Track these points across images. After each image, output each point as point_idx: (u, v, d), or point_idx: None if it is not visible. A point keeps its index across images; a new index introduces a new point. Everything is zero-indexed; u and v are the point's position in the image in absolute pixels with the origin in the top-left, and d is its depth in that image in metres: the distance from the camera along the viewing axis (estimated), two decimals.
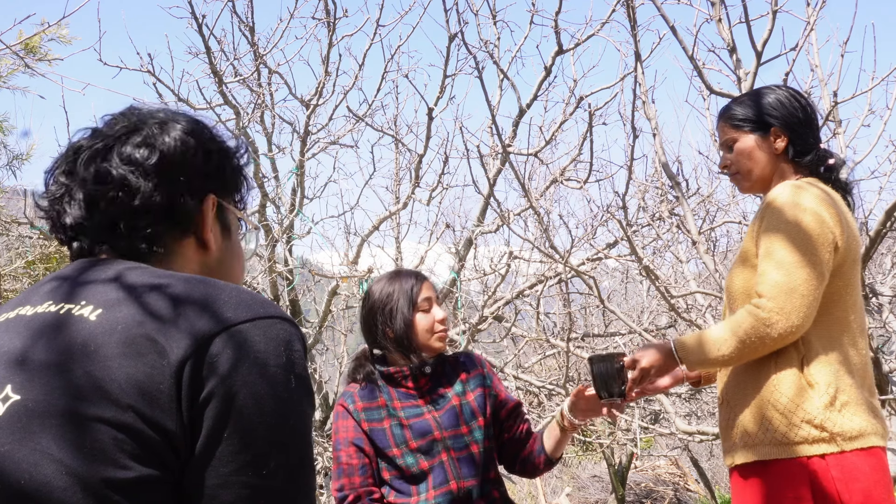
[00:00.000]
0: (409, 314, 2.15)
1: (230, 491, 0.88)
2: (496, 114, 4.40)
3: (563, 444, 2.23)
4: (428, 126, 4.79)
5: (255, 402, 0.89)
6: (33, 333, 0.93)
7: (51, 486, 0.85)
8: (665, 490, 10.29)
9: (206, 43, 4.31)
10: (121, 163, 1.02)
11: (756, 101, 2.10)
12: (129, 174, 1.01)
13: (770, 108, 2.07)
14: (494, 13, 4.50)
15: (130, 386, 0.87)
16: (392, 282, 2.21)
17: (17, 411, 0.88)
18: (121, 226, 1.02)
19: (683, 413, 6.69)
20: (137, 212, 1.02)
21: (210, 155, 1.08)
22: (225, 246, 1.12)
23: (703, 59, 3.25)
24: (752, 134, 2.08)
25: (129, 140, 1.04)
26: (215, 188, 1.09)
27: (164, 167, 1.03)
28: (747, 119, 2.09)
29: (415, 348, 2.16)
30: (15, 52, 3.30)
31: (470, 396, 2.20)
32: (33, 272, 5.14)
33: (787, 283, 1.85)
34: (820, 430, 1.84)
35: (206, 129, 1.10)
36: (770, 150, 2.06)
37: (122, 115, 1.08)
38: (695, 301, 4.53)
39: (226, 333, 0.90)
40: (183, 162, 1.05)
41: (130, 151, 1.03)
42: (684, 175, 4.27)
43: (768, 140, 2.06)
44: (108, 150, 1.03)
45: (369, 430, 2.13)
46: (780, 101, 2.08)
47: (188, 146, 1.06)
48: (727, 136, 2.13)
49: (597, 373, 2.03)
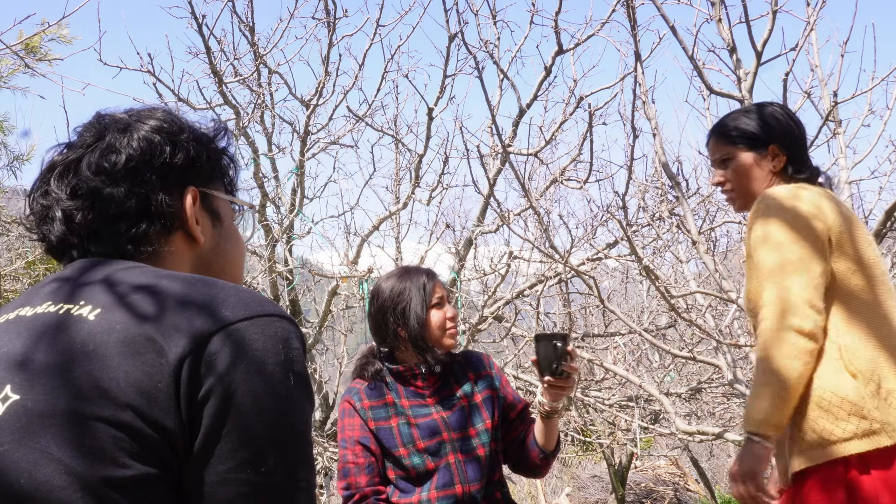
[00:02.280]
0: (422, 312, 2.13)
1: (229, 488, 0.88)
2: (496, 114, 4.40)
3: (551, 434, 2.16)
4: (428, 126, 4.79)
5: (254, 400, 0.89)
6: (33, 334, 0.94)
7: (50, 486, 0.85)
8: (665, 490, 10.29)
9: (206, 43, 4.31)
10: (90, 174, 1.03)
11: (751, 118, 2.05)
12: (98, 184, 1.02)
13: (767, 125, 2.03)
14: (494, 13, 4.50)
15: (129, 385, 0.87)
16: (403, 279, 2.18)
17: (17, 411, 0.88)
18: (102, 234, 1.03)
19: (683, 413, 6.68)
20: (115, 218, 1.02)
21: (179, 147, 1.08)
22: (217, 233, 1.12)
23: (703, 59, 3.26)
24: (749, 151, 2.03)
25: (96, 149, 1.04)
26: (194, 179, 1.09)
27: (131, 170, 1.03)
28: (745, 135, 2.04)
29: (429, 346, 2.13)
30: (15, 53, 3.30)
31: (478, 398, 2.17)
32: (33, 273, 5.14)
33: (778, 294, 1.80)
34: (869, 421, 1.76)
35: (174, 121, 1.10)
36: (768, 168, 2.02)
37: (89, 125, 1.08)
38: (695, 301, 4.53)
39: (224, 332, 0.90)
40: (150, 161, 1.05)
41: (97, 160, 1.03)
42: (684, 175, 4.28)
43: (766, 157, 2.02)
44: (77, 163, 1.04)
45: (376, 429, 2.10)
46: (775, 117, 2.04)
47: (153, 143, 1.06)
48: (722, 152, 2.07)
49: (538, 352, 2.05)
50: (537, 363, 2.06)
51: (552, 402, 2.11)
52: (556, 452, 2.21)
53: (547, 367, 2.04)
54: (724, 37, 3.03)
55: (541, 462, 2.19)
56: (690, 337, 5.76)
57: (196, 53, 4.48)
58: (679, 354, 4.40)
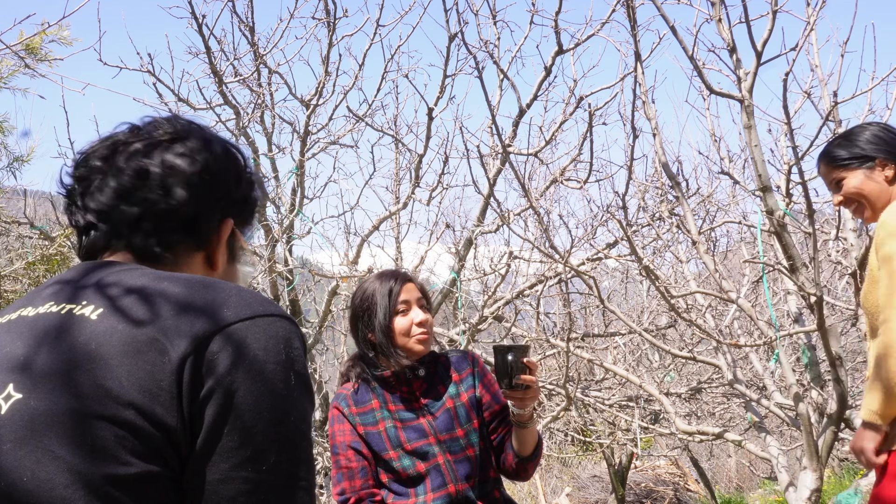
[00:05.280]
0: (385, 319, 2.12)
1: (230, 486, 0.89)
2: (496, 114, 4.40)
3: (524, 440, 2.13)
4: (428, 126, 4.79)
5: (255, 399, 0.90)
6: (35, 333, 0.94)
7: (53, 483, 0.86)
8: (665, 490, 10.29)
9: (206, 43, 4.31)
10: (162, 165, 1.05)
11: (854, 140, 2.27)
12: (167, 178, 1.04)
13: (869, 143, 2.25)
14: (494, 13, 4.49)
15: (132, 383, 0.88)
16: (373, 284, 2.18)
17: (20, 410, 0.89)
18: (143, 223, 1.04)
19: (683, 413, 6.68)
20: (163, 215, 1.04)
21: (240, 182, 1.13)
22: (228, 268, 1.14)
23: (703, 59, 3.25)
24: (859, 169, 2.24)
25: (173, 147, 1.07)
26: (236, 214, 1.13)
27: (200, 181, 1.06)
28: (853, 156, 2.25)
29: (394, 352, 2.12)
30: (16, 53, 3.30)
31: (464, 397, 2.17)
32: (33, 273, 5.14)
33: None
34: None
35: (241, 156, 1.15)
36: (881, 178, 2.23)
37: (166, 121, 1.11)
38: (695, 301, 4.53)
39: (226, 331, 0.91)
40: (217, 182, 1.08)
41: (172, 158, 1.06)
42: (684, 175, 4.27)
43: (876, 170, 2.23)
44: (150, 150, 1.06)
45: (365, 434, 2.11)
46: (876, 135, 2.25)
47: (226, 168, 1.10)
48: (834, 176, 2.29)
49: (495, 363, 2.06)
50: (495, 374, 2.08)
51: (517, 410, 2.09)
52: (533, 458, 2.16)
53: (502, 378, 2.05)
54: (724, 37, 3.03)
55: (517, 466, 2.17)
56: (690, 337, 5.77)
57: (196, 53, 4.48)
58: (679, 354, 4.40)
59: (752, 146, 3.01)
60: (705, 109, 4.34)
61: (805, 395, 3.55)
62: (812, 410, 3.48)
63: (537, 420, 2.24)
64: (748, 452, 5.17)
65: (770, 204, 3.04)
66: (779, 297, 4.83)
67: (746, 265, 5.70)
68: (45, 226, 5.02)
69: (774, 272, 4.46)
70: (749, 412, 4.33)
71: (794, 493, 3.57)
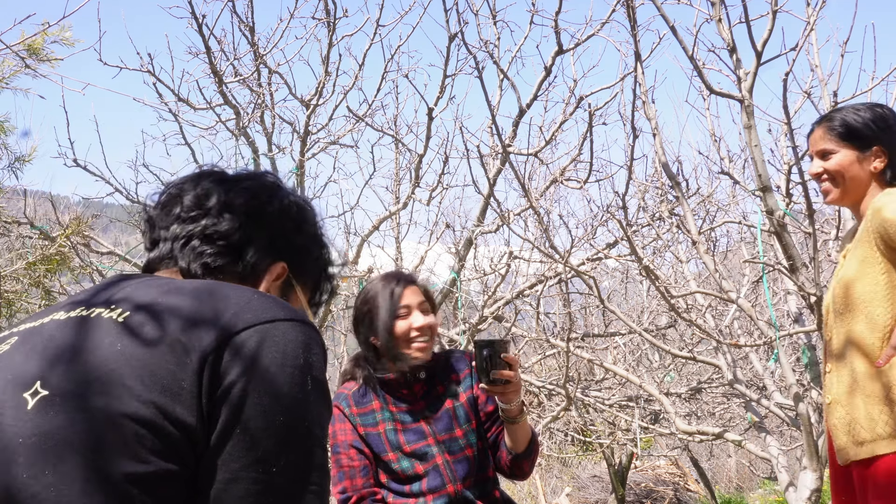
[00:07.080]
0: (388, 322, 2.10)
1: (239, 486, 0.90)
2: (496, 114, 4.39)
3: (515, 436, 2.11)
4: (428, 126, 4.79)
5: (270, 401, 0.91)
6: (64, 335, 0.97)
7: (71, 478, 0.88)
8: (665, 490, 10.29)
9: (206, 43, 4.30)
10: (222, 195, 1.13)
11: (861, 115, 2.10)
12: (223, 205, 1.12)
13: (874, 127, 2.08)
14: (494, 13, 4.49)
15: (154, 382, 0.90)
16: (375, 286, 2.16)
17: (45, 406, 0.91)
18: (192, 243, 1.11)
19: (683, 413, 6.69)
20: (212, 237, 1.10)
21: (301, 231, 1.17)
22: None
23: (703, 59, 3.26)
24: (853, 150, 2.08)
25: (240, 183, 1.16)
26: (293, 261, 1.16)
27: (254, 214, 1.13)
28: (850, 131, 2.09)
29: (398, 357, 2.11)
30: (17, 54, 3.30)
31: (463, 398, 2.17)
32: (34, 273, 5.14)
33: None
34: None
35: (311, 212, 1.21)
36: (868, 168, 2.08)
37: (247, 171, 1.21)
38: (695, 301, 4.53)
39: (246, 333, 0.93)
40: (273, 221, 1.14)
41: (234, 191, 1.14)
42: (684, 175, 4.26)
43: (868, 158, 2.07)
44: (217, 183, 1.15)
45: (365, 434, 2.12)
46: (885, 118, 2.09)
47: (286, 213, 1.16)
48: (825, 146, 2.12)
49: (476, 358, 2.03)
50: (476, 369, 2.05)
51: (503, 405, 2.07)
52: (528, 455, 2.14)
53: (481, 374, 2.02)
54: (724, 37, 3.03)
55: (512, 464, 2.15)
56: (690, 337, 5.77)
57: (196, 53, 4.48)
58: (679, 354, 4.40)
59: (752, 146, 3.02)
60: (705, 109, 4.34)
61: (805, 395, 3.55)
62: (812, 410, 3.48)
63: (532, 417, 2.23)
64: (748, 452, 5.17)
65: (770, 204, 3.04)
66: (779, 297, 4.84)
67: (746, 265, 5.70)
68: (46, 226, 5.01)
69: (774, 272, 4.47)
70: (749, 412, 4.33)
71: (794, 493, 3.58)
